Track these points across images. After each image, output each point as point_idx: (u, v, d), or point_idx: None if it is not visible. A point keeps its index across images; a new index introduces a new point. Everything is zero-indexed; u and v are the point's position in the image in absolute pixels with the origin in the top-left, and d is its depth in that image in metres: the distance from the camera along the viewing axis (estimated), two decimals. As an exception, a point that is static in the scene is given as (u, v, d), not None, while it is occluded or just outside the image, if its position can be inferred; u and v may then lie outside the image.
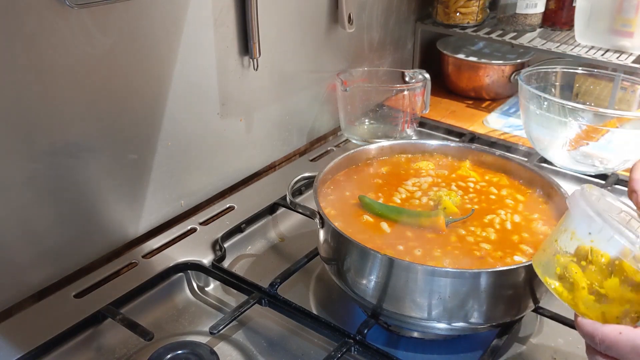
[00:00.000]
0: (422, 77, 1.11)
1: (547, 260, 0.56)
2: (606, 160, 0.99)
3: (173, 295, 0.77)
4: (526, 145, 1.10)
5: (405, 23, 1.34)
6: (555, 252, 0.55)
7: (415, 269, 0.61)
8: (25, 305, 0.73)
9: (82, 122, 0.73)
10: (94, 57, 0.72)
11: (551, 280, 0.55)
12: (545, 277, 0.55)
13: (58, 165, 0.72)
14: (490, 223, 0.72)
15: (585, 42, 1.20)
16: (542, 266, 0.56)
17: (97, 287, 0.75)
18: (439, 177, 0.82)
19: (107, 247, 0.82)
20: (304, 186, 0.96)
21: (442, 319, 0.63)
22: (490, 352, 0.65)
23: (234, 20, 0.90)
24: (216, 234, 0.85)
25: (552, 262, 0.55)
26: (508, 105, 1.35)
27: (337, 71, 1.13)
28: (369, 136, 1.14)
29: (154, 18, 0.78)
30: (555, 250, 0.55)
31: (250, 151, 1.02)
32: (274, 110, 1.04)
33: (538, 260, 0.58)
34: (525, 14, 1.28)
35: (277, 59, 1.00)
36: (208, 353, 0.63)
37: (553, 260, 0.55)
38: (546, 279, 0.55)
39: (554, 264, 0.55)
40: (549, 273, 0.55)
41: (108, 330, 0.69)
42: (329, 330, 0.68)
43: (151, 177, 0.85)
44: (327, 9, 1.08)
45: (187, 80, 0.85)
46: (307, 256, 0.79)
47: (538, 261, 0.57)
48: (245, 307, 0.70)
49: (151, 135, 0.83)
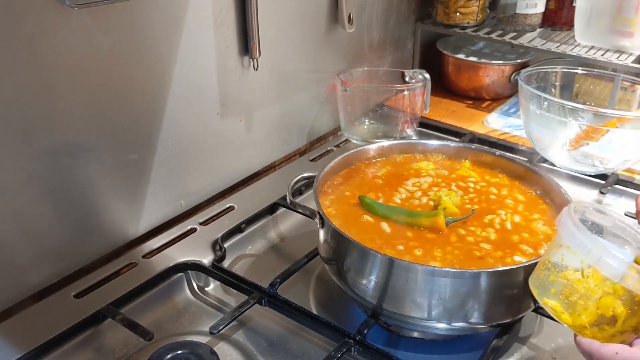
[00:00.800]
0: (422, 77, 1.11)
1: (542, 282, 0.57)
2: (606, 160, 0.99)
3: (173, 295, 0.77)
4: (526, 145, 1.10)
5: (405, 23, 1.34)
6: (548, 273, 0.56)
7: (415, 269, 0.61)
8: (25, 305, 0.73)
9: (82, 122, 0.73)
10: (94, 57, 0.72)
11: (548, 300, 0.56)
12: (543, 299, 0.56)
13: (58, 165, 0.72)
14: (490, 223, 0.72)
15: (585, 42, 1.20)
16: (538, 287, 0.57)
17: (97, 287, 0.75)
18: (439, 177, 0.82)
19: (107, 247, 0.82)
20: (304, 186, 0.96)
21: (442, 319, 0.63)
22: (490, 352, 0.65)
23: (234, 20, 0.90)
24: (216, 234, 0.85)
25: (547, 283, 0.56)
26: (508, 105, 1.35)
27: (337, 71, 1.13)
28: (369, 136, 1.14)
29: (154, 18, 0.78)
30: (548, 271, 0.56)
31: (250, 151, 1.02)
32: (274, 110, 1.04)
33: (533, 282, 0.59)
34: (525, 14, 1.28)
35: (277, 59, 1.00)
36: (208, 353, 0.63)
37: (547, 281, 0.56)
38: (543, 299, 0.56)
39: (548, 285, 0.56)
40: (546, 294, 0.56)
41: (108, 330, 0.69)
42: (329, 330, 0.68)
43: (151, 177, 0.85)
44: (327, 9, 1.08)
45: (187, 80, 0.85)
46: (307, 256, 0.79)
47: (533, 283, 0.58)
48: (245, 307, 0.70)
49: (151, 135, 0.83)
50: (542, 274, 0.57)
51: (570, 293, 0.54)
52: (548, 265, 0.56)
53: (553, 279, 0.55)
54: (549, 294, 0.55)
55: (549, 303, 0.55)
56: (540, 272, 0.58)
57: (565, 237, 0.54)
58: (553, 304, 0.55)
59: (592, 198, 0.99)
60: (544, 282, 0.56)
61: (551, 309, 0.55)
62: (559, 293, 0.54)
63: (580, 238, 0.52)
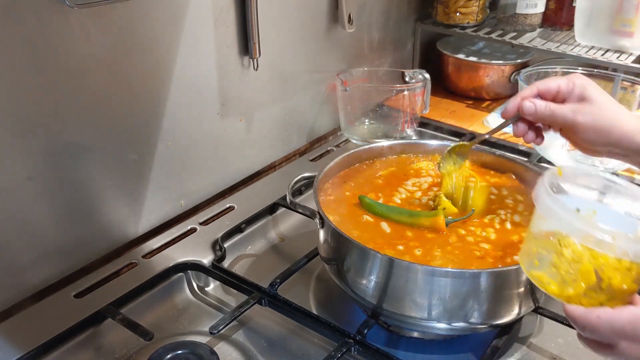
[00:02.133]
0: (422, 77, 1.11)
1: (527, 255, 0.57)
2: (606, 160, 0.99)
3: (173, 295, 0.77)
4: (526, 145, 1.09)
5: (405, 23, 1.34)
6: (530, 245, 0.56)
7: (415, 269, 0.61)
8: (25, 305, 0.73)
9: (82, 122, 0.73)
10: (94, 57, 0.72)
11: (535, 272, 0.55)
12: (531, 271, 0.55)
13: (58, 165, 0.72)
14: (490, 223, 0.72)
15: (585, 42, 1.20)
16: (526, 262, 0.57)
17: (97, 287, 0.75)
18: (439, 177, 0.82)
19: (107, 247, 0.82)
20: (304, 186, 0.96)
21: (442, 319, 0.63)
22: (490, 352, 0.65)
23: (234, 20, 0.90)
24: (216, 234, 0.85)
25: (532, 255, 0.55)
26: (508, 105, 1.35)
27: (337, 71, 1.13)
28: (369, 136, 1.14)
29: (154, 18, 0.78)
30: (530, 243, 0.56)
31: (250, 151, 1.02)
32: (274, 110, 1.04)
33: (521, 256, 0.58)
34: (525, 14, 1.28)
35: (277, 59, 1.00)
36: (208, 353, 0.63)
37: (532, 254, 0.55)
38: (531, 272, 0.55)
39: (533, 257, 0.55)
40: (532, 266, 0.55)
41: (108, 330, 0.69)
42: (329, 330, 0.68)
43: (151, 177, 0.85)
44: (327, 9, 1.08)
45: (187, 80, 0.85)
46: (307, 256, 0.79)
47: (521, 257, 0.58)
48: (245, 307, 0.70)
49: (151, 135, 0.83)
50: (526, 247, 0.57)
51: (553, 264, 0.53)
52: (530, 237, 0.56)
53: (536, 251, 0.55)
54: (534, 265, 0.55)
55: (534, 274, 0.55)
56: (525, 245, 0.57)
57: (539, 208, 0.54)
58: (539, 273, 0.54)
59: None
60: (529, 255, 0.56)
61: (537, 279, 0.54)
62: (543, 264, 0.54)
63: (549, 205, 0.52)
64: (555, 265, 0.53)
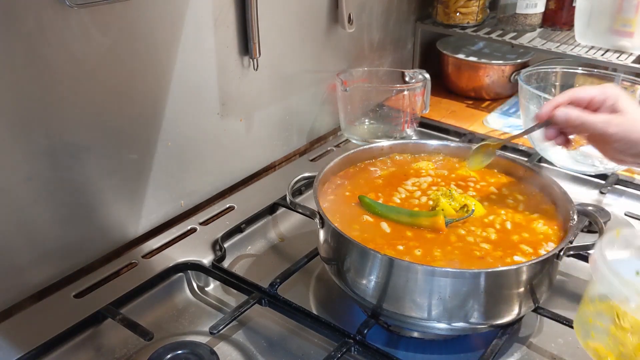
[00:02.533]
0: (422, 77, 1.11)
1: (583, 324, 0.56)
2: (606, 160, 0.99)
3: (173, 295, 0.77)
4: (526, 145, 1.09)
5: (405, 23, 1.34)
6: (588, 313, 0.55)
7: (415, 269, 0.61)
8: (25, 305, 0.73)
9: (81, 122, 0.73)
10: (93, 57, 0.72)
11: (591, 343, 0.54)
12: (587, 342, 0.55)
13: (58, 165, 0.72)
14: (490, 223, 0.72)
15: (585, 42, 1.20)
16: (581, 332, 0.56)
17: (97, 287, 0.75)
18: (439, 177, 0.82)
19: (107, 247, 0.82)
20: (304, 186, 0.96)
21: (442, 319, 0.63)
22: (490, 352, 0.65)
23: (234, 20, 0.90)
24: (216, 234, 0.85)
25: (588, 325, 0.55)
26: (508, 105, 1.35)
27: (337, 71, 1.13)
28: (369, 136, 1.14)
29: (154, 18, 0.78)
30: (588, 311, 0.55)
31: (250, 151, 1.02)
32: (274, 110, 1.04)
33: (576, 324, 0.58)
34: (525, 14, 1.28)
35: (277, 59, 1.00)
36: (208, 353, 0.63)
37: (588, 324, 0.55)
38: (587, 343, 0.55)
39: (589, 328, 0.55)
40: (588, 337, 0.55)
41: (108, 330, 0.69)
42: (329, 330, 0.68)
43: (151, 177, 0.85)
44: (327, 9, 1.08)
45: (187, 80, 0.85)
46: (307, 256, 0.79)
47: (576, 325, 0.58)
48: (245, 307, 0.70)
49: (151, 135, 0.83)
50: (582, 314, 0.56)
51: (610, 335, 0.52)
52: (586, 302, 0.55)
53: (592, 321, 0.54)
54: (589, 336, 0.54)
55: (590, 345, 0.54)
56: (581, 311, 0.56)
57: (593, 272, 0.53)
58: (595, 344, 0.53)
59: (592, 198, 0.99)
60: (585, 324, 0.55)
61: (594, 351, 0.53)
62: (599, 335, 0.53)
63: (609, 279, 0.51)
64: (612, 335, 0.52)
